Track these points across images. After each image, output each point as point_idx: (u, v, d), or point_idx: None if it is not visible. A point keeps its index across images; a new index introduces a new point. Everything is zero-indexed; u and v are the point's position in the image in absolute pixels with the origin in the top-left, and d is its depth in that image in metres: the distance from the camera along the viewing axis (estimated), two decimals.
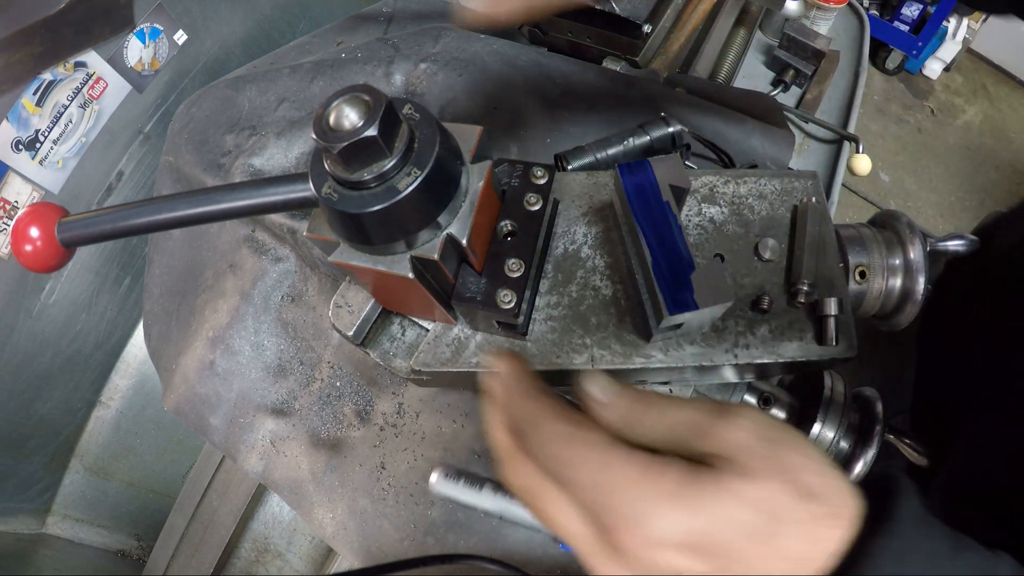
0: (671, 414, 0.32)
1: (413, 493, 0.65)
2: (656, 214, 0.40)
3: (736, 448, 0.30)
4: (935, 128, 2.44)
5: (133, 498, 1.16)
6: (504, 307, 0.39)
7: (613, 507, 0.30)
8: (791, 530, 0.29)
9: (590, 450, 0.31)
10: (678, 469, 0.30)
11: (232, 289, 0.77)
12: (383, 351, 0.49)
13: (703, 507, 0.29)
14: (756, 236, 0.47)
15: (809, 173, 0.50)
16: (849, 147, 1.00)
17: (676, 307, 0.37)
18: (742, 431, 0.31)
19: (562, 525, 0.32)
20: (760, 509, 0.29)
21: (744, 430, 0.31)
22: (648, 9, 0.78)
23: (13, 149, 0.84)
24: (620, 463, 0.30)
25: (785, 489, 0.29)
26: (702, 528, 0.29)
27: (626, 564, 0.30)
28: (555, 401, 0.34)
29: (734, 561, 0.29)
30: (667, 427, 0.32)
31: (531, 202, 0.42)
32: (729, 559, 0.29)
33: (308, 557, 0.92)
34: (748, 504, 0.29)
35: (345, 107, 0.32)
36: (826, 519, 0.30)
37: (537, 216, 0.42)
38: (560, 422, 0.32)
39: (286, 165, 0.73)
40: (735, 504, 0.29)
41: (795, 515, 0.29)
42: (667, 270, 0.38)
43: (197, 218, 0.39)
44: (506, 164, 0.43)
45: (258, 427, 0.73)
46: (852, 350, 0.44)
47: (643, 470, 0.30)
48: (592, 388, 0.34)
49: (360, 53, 0.82)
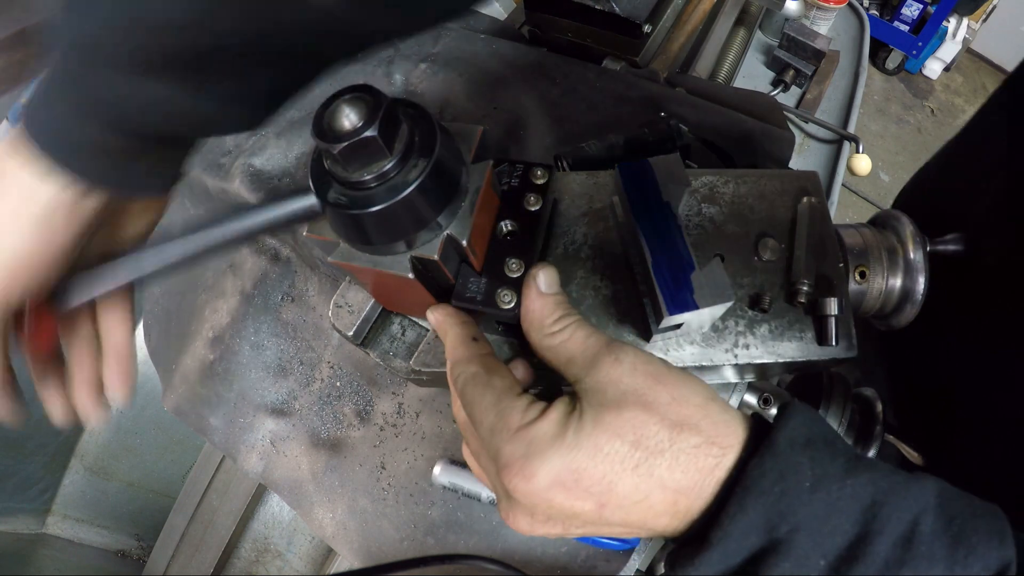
0: (573, 340, 0.35)
1: (413, 493, 0.65)
2: (656, 214, 0.40)
3: (608, 382, 0.32)
4: (935, 128, 2.44)
5: (133, 498, 1.16)
6: (504, 307, 0.39)
7: (503, 451, 0.32)
8: (663, 460, 0.30)
9: (492, 393, 0.34)
10: (558, 411, 0.32)
11: (232, 289, 0.77)
12: (383, 351, 0.49)
13: (576, 443, 0.30)
14: (756, 236, 0.47)
15: (809, 173, 0.50)
16: (849, 147, 1.00)
17: (676, 307, 0.37)
18: (619, 367, 0.32)
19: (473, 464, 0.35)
20: (626, 439, 0.30)
21: (621, 365, 0.32)
22: (648, 9, 0.78)
23: None
24: (511, 409, 0.33)
25: (651, 420, 0.31)
26: (578, 464, 0.30)
27: (520, 507, 0.32)
28: (480, 345, 0.37)
29: (615, 495, 0.30)
30: (566, 350, 0.35)
31: (531, 202, 0.43)
32: (610, 492, 0.30)
33: (308, 557, 0.92)
34: (615, 435, 0.30)
35: (345, 107, 0.32)
36: (703, 447, 0.31)
37: (537, 216, 0.42)
38: (474, 364, 0.36)
39: (286, 165, 0.73)
40: (604, 436, 0.30)
41: (663, 444, 0.30)
42: (667, 270, 0.38)
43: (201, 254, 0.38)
44: (506, 164, 0.43)
45: (258, 427, 0.73)
46: (852, 350, 0.44)
47: (528, 416, 0.32)
48: (540, 276, 0.38)
49: (360, 53, 0.82)
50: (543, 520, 0.32)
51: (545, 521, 0.32)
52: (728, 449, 0.31)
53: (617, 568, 0.59)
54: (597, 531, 0.33)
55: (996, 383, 0.52)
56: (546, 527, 0.33)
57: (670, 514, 0.31)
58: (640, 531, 0.32)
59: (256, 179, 0.72)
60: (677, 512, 0.31)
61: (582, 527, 0.32)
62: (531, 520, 0.32)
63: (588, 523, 0.32)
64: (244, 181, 0.72)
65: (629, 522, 0.31)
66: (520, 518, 0.33)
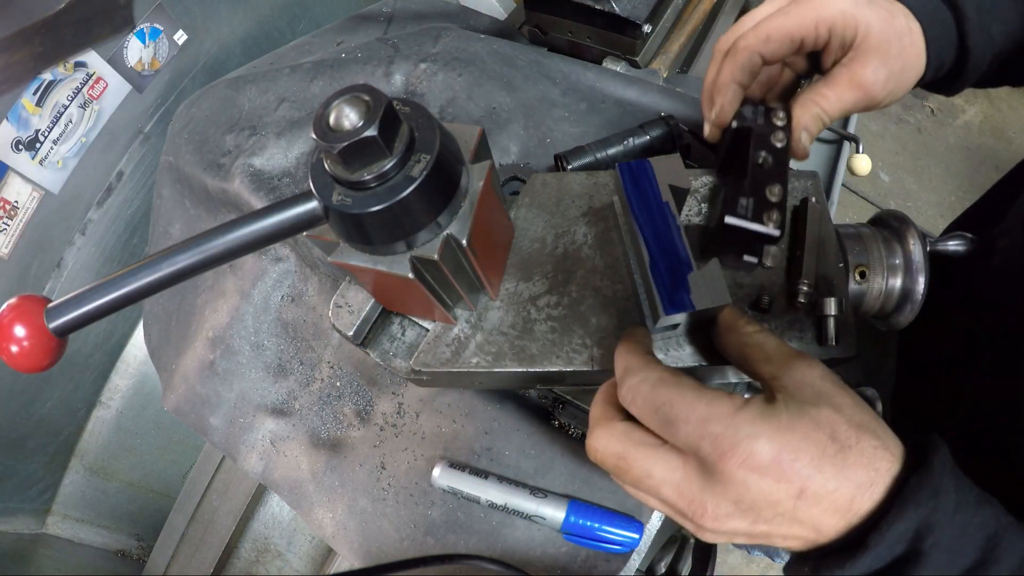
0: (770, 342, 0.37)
1: (413, 493, 0.65)
2: (655, 214, 0.40)
3: (805, 383, 0.34)
4: (935, 128, 2.44)
5: (133, 498, 1.16)
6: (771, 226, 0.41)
7: (717, 435, 0.32)
8: (851, 455, 0.32)
9: (691, 389, 0.34)
10: (758, 402, 0.34)
11: (232, 289, 0.77)
12: (383, 351, 0.49)
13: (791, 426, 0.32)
14: None
15: (809, 173, 0.50)
16: (849, 147, 1.00)
17: (673, 307, 0.37)
18: (813, 371, 0.35)
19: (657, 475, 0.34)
20: (824, 431, 0.32)
21: (814, 370, 0.35)
22: (648, 9, 0.78)
23: (13, 149, 0.84)
24: (719, 397, 0.34)
25: (841, 419, 0.33)
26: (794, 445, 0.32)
27: (730, 493, 0.33)
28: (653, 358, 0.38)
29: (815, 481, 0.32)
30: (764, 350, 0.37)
31: (779, 138, 0.45)
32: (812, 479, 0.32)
33: (308, 557, 0.92)
34: (817, 425, 0.32)
35: (345, 107, 0.32)
36: (880, 451, 0.32)
37: (784, 152, 0.44)
38: (655, 370, 0.36)
39: (286, 165, 0.73)
40: (811, 425, 0.32)
41: (851, 441, 0.32)
42: (665, 270, 0.38)
43: (200, 265, 0.36)
44: (749, 104, 0.47)
45: (258, 427, 0.73)
46: (852, 350, 0.44)
47: (733, 403, 0.34)
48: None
49: (360, 53, 0.82)
50: (745, 509, 0.33)
51: (745, 511, 0.33)
52: (897, 458, 0.33)
53: (617, 568, 0.59)
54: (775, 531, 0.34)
55: (998, 383, 0.52)
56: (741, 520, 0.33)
57: (843, 511, 0.32)
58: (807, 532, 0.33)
59: (256, 179, 0.72)
60: (850, 510, 0.32)
61: (769, 522, 0.33)
62: (734, 509, 0.33)
63: (778, 515, 0.33)
64: (244, 181, 0.72)
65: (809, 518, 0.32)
66: (722, 506, 0.33)
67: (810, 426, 0.32)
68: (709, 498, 0.33)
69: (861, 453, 0.32)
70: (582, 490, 0.61)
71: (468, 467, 0.62)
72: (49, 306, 0.36)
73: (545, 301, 0.46)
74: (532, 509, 0.59)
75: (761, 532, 0.34)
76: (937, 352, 0.64)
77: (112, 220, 1.01)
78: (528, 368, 0.45)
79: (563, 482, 0.61)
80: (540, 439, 0.63)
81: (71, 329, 0.36)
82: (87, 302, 0.36)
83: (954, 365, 0.61)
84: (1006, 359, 0.51)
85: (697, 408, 0.33)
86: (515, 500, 0.59)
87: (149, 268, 0.36)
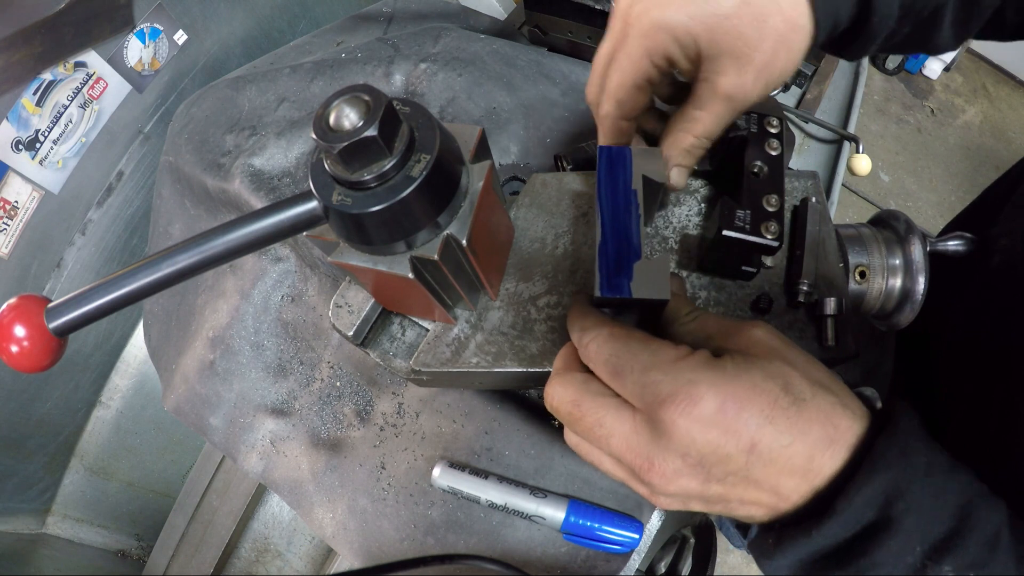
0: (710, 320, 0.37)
1: (413, 493, 0.65)
2: (620, 198, 0.40)
3: (751, 343, 0.34)
4: (935, 128, 2.44)
5: (133, 498, 1.16)
6: (769, 238, 0.41)
7: (663, 384, 0.31)
8: (807, 409, 0.30)
9: (637, 341, 0.35)
10: (705, 353, 0.33)
11: (232, 289, 0.77)
12: (383, 351, 0.49)
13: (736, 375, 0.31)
14: None
15: (809, 173, 0.50)
16: (849, 147, 1.00)
17: (609, 289, 0.38)
18: (759, 330, 0.34)
19: (607, 424, 0.34)
20: (776, 381, 0.31)
21: (761, 328, 0.34)
22: None
23: (13, 149, 0.84)
24: (663, 347, 0.34)
25: (795, 373, 0.32)
26: (740, 394, 0.30)
27: (674, 447, 0.31)
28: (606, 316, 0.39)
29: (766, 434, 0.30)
30: (704, 329, 0.37)
31: (772, 146, 0.45)
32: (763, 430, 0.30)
33: (308, 557, 0.92)
34: (768, 376, 0.31)
35: (345, 107, 0.32)
36: (838, 408, 0.31)
37: (779, 159, 0.45)
38: (607, 326, 0.36)
39: (286, 165, 0.73)
40: (760, 375, 0.31)
41: (805, 395, 0.31)
42: (613, 252, 0.39)
43: (200, 265, 0.36)
44: (744, 115, 0.46)
45: (258, 427, 0.73)
46: (852, 350, 0.44)
47: (678, 352, 0.33)
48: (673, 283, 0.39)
49: (360, 53, 0.82)
50: (692, 465, 0.31)
51: (694, 467, 0.31)
52: (859, 418, 0.31)
53: (617, 568, 0.59)
54: (731, 494, 0.32)
55: (997, 383, 0.52)
56: (691, 478, 0.32)
57: (802, 472, 0.30)
58: (766, 496, 0.32)
59: (256, 179, 0.72)
60: (810, 470, 0.30)
61: (722, 482, 0.32)
62: (681, 464, 0.31)
63: (730, 473, 0.31)
64: (244, 181, 0.72)
65: (766, 478, 0.31)
66: (669, 462, 0.32)
67: (759, 376, 0.31)
68: (656, 451, 0.32)
69: (818, 408, 0.30)
70: (582, 490, 0.61)
71: (468, 467, 0.62)
72: (49, 306, 0.35)
73: (545, 301, 0.46)
74: (532, 509, 0.59)
75: (716, 495, 0.32)
76: (936, 352, 0.64)
77: (112, 220, 1.01)
78: (528, 368, 0.45)
79: (563, 482, 0.61)
80: (540, 439, 0.63)
81: (71, 329, 0.36)
82: (87, 302, 0.36)
83: (953, 365, 0.61)
84: (1005, 359, 0.51)
85: (641, 357, 0.33)
86: (515, 500, 0.59)
87: (149, 268, 0.36)
